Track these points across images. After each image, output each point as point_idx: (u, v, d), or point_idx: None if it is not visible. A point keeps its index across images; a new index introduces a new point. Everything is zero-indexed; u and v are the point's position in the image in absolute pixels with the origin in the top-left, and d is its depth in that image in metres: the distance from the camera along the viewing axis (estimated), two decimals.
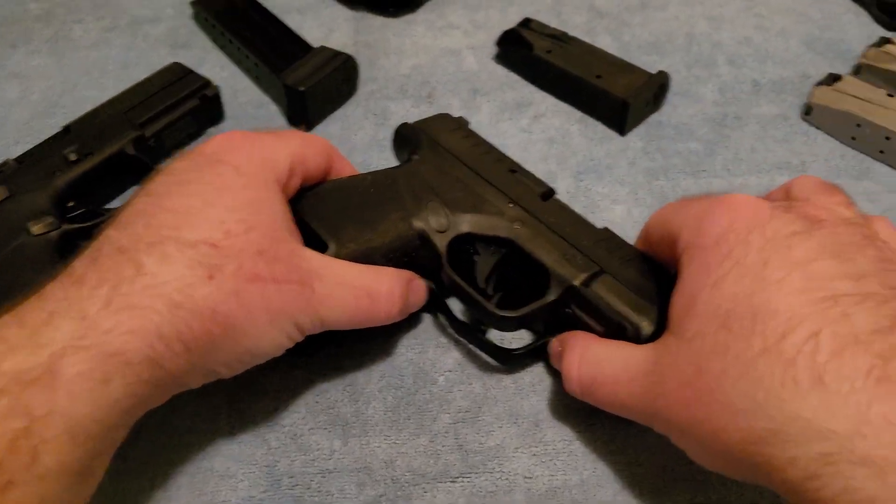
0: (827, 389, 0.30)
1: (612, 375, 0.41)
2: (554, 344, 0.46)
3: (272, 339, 0.41)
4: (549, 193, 0.52)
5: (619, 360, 0.41)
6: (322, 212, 0.48)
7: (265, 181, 0.43)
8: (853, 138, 0.61)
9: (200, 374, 0.40)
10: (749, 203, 0.38)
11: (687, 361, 0.36)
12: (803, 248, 0.35)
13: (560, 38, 0.68)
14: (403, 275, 0.47)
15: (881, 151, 0.60)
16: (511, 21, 0.72)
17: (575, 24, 0.74)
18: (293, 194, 0.48)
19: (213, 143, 0.44)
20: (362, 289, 0.44)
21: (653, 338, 0.43)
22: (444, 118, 0.57)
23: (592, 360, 0.43)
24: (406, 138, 0.56)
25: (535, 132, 0.64)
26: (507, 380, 0.50)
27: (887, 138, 0.59)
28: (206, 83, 0.64)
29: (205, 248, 0.38)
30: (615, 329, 0.44)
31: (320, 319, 0.43)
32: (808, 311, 0.32)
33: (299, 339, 0.43)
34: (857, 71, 0.66)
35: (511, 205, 0.50)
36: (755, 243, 0.35)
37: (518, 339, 0.51)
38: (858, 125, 0.61)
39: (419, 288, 0.49)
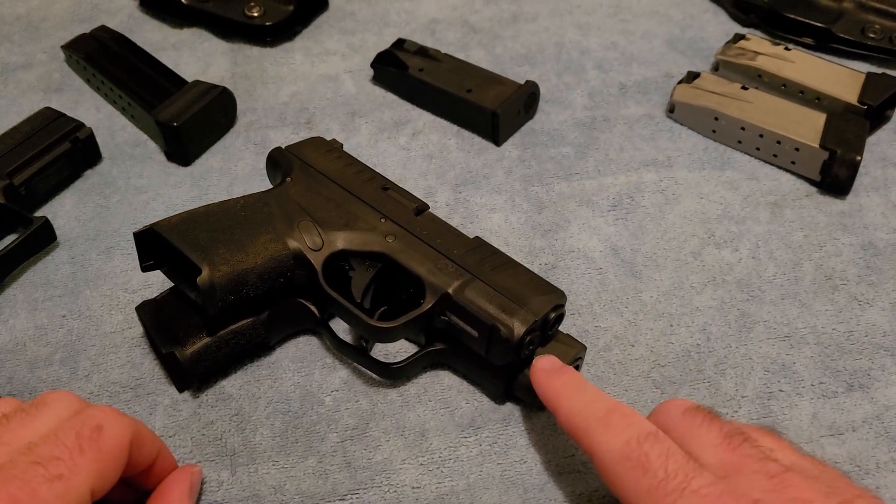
0: None
1: None
2: None
3: None
4: (422, 208, 0.53)
5: None
6: (192, 237, 0.48)
7: None
8: (713, 131, 0.64)
9: None
10: None
11: None
12: None
13: (433, 55, 0.70)
14: None
15: (739, 141, 0.63)
16: (387, 42, 0.73)
17: (449, 41, 0.75)
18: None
19: None
20: None
21: (525, 337, 0.44)
22: (316, 141, 0.58)
23: None
24: (278, 163, 0.56)
25: (414, 149, 0.66)
26: (393, 393, 0.50)
27: (742, 128, 0.62)
28: (79, 125, 0.63)
29: None
30: (489, 332, 0.46)
31: None
32: None
33: None
34: (716, 67, 0.70)
35: (383, 220, 0.51)
36: None
37: (403, 352, 0.52)
38: (717, 118, 0.64)
39: None
